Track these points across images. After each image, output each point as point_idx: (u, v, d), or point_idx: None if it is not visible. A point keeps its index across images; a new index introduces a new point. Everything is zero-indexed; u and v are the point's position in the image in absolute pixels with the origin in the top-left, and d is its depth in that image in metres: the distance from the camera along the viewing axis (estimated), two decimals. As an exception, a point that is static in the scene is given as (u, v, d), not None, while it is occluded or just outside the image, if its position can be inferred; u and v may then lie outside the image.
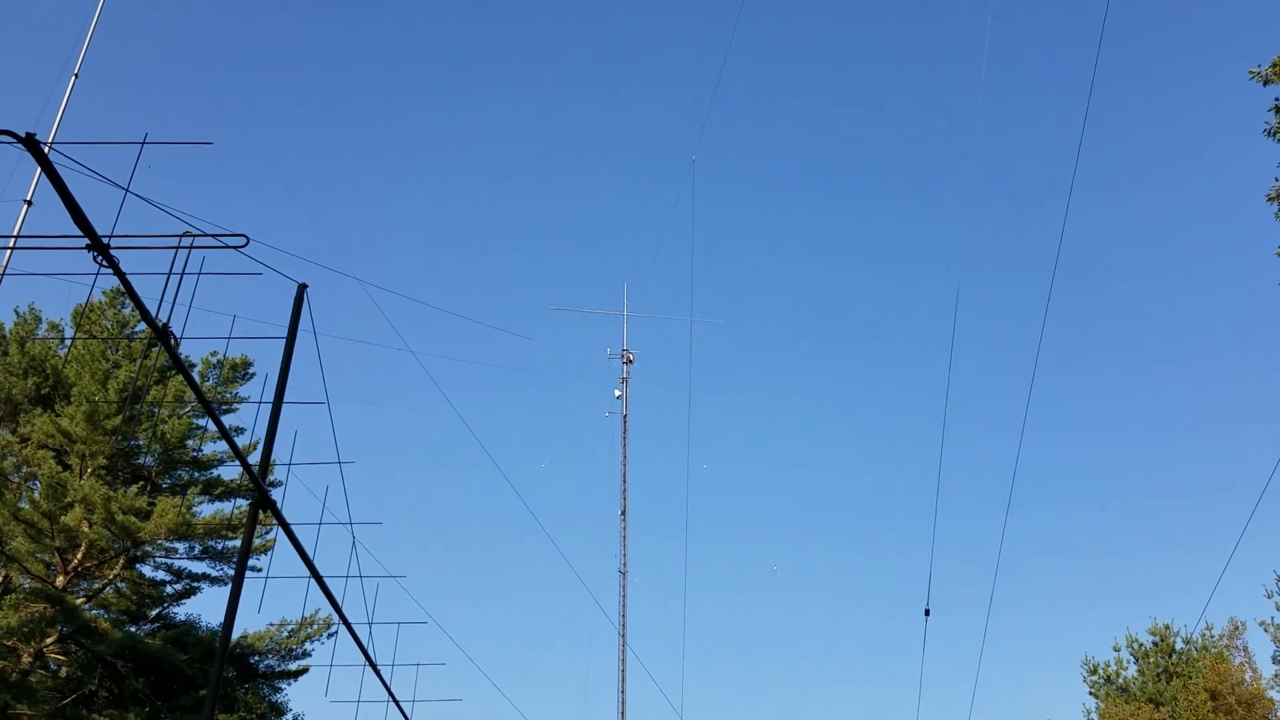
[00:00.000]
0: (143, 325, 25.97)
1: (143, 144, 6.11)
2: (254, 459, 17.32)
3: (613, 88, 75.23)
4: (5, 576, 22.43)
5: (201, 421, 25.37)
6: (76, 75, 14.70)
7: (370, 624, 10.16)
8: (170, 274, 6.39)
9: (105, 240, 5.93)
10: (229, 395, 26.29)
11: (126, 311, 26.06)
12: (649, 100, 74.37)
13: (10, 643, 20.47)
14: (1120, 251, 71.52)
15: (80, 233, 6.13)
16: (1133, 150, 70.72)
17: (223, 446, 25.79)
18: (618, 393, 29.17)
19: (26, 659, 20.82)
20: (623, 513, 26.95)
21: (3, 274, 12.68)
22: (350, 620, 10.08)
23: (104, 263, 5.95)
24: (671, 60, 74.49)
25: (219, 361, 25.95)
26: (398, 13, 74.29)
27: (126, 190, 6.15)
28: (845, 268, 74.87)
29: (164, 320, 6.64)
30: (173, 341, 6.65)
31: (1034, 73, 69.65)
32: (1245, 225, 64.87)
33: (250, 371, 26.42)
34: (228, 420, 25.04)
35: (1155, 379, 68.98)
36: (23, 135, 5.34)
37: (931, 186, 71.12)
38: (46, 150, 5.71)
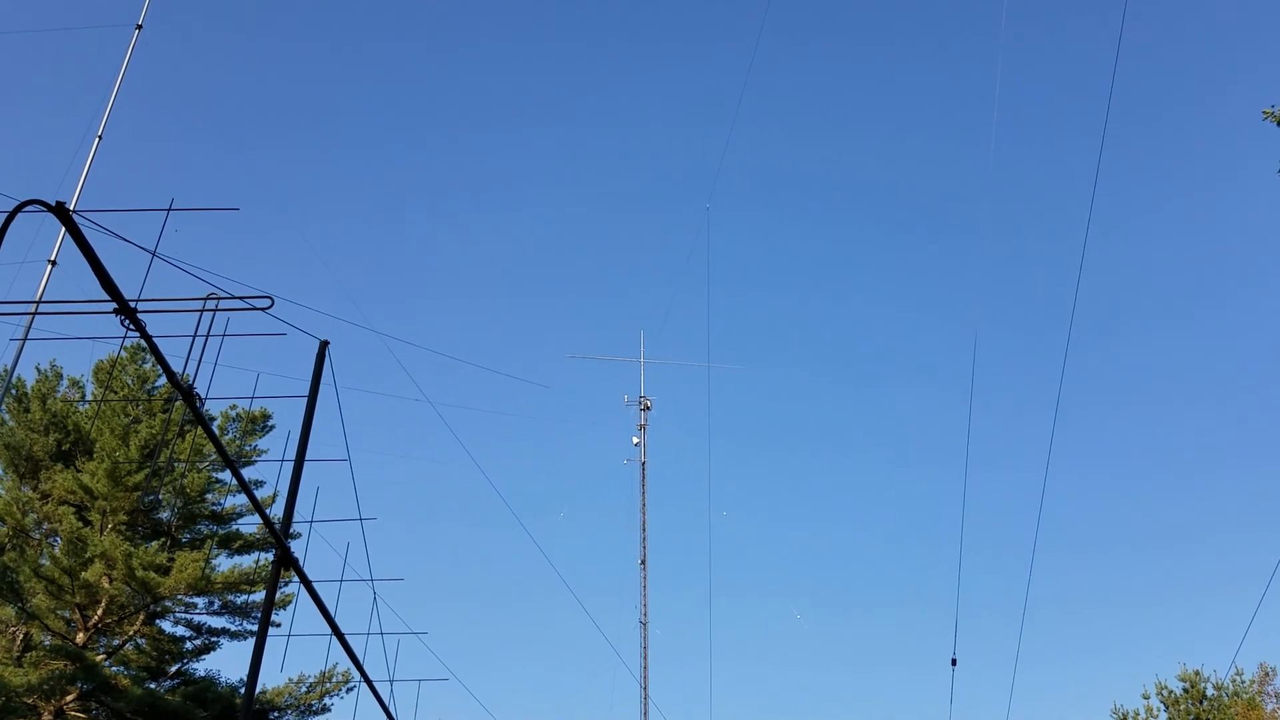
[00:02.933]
0: (163, 381, 26.17)
1: (169, 210, 6.20)
2: (273, 510, 17.33)
3: (626, 129, 75.87)
4: (26, 633, 22.42)
5: (221, 475, 25.44)
6: (100, 137, 14.94)
7: (392, 681, 10.10)
8: (195, 336, 6.46)
9: (132, 304, 5.99)
10: (248, 448, 26.38)
11: (147, 367, 26.25)
12: (663, 142, 74.95)
13: (31, 700, 20.42)
14: (1141, 290, 71.14)
15: (107, 296, 6.22)
16: (1150, 186, 70.62)
17: (242, 500, 25.87)
18: (636, 440, 29.11)
19: (47, 717, 20.75)
20: (642, 562, 26.78)
21: (27, 333, 12.84)
22: (372, 678, 10.02)
23: (131, 326, 6.01)
24: (684, 101, 75.12)
25: (238, 415, 26.08)
26: (412, 55, 75.32)
27: (154, 254, 6.23)
28: (864, 309, 74.74)
29: (189, 381, 6.69)
30: (198, 403, 6.70)
31: (1048, 105, 69.84)
32: (1270, 260, 64.46)
33: (270, 424, 26.55)
34: (247, 473, 25.12)
35: (1179, 421, 68.26)
36: (53, 204, 5.42)
37: (949, 225, 71.16)
38: (75, 216, 5.80)
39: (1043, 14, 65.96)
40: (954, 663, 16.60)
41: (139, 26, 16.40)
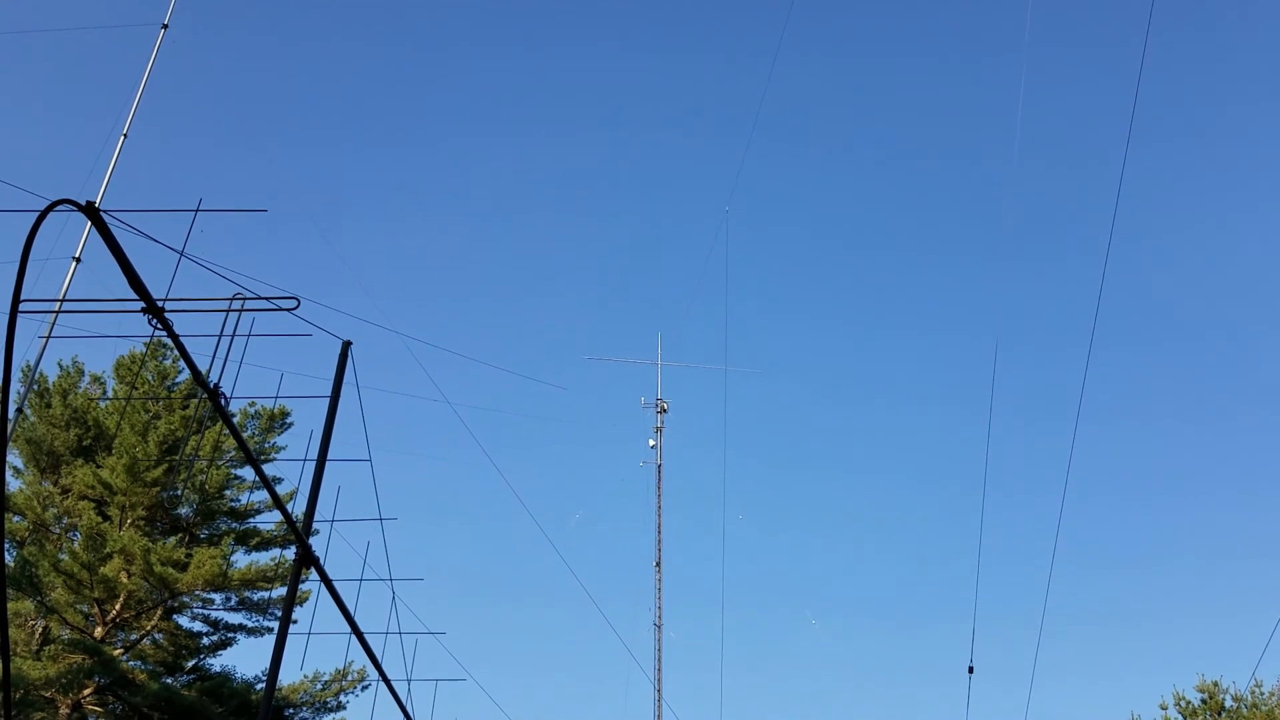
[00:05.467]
0: (183, 376, 26.32)
1: (196, 211, 6.23)
2: (291, 506, 17.41)
3: (647, 133, 75.78)
4: (45, 627, 22.58)
5: (240, 471, 25.57)
6: (125, 135, 15.03)
7: (409, 681, 10.12)
8: (221, 336, 6.49)
9: (160, 304, 6.02)
10: (267, 445, 26.50)
11: (168, 363, 26.40)
12: (683, 147, 74.83)
13: (49, 694, 20.56)
14: (1164, 304, 70.49)
15: (133, 295, 6.25)
16: (1174, 199, 70.07)
17: (260, 496, 25.97)
18: (652, 442, 29.07)
19: (64, 710, 20.89)
20: (658, 564, 26.76)
21: (51, 330, 12.91)
22: (389, 677, 10.05)
23: (159, 326, 6.05)
24: (706, 106, 74.99)
25: (257, 412, 26.20)
26: (436, 57, 75.49)
27: (181, 254, 6.26)
28: (883, 319, 74.34)
29: (214, 381, 6.73)
30: (223, 402, 6.73)
31: (1071, 118, 69.36)
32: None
33: (289, 421, 26.66)
34: (266, 469, 25.24)
35: (1200, 436, 67.61)
36: (83, 204, 5.45)
37: (970, 238, 70.74)
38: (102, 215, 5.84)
39: (1066, 27, 65.58)
40: (971, 671, 16.49)
41: (165, 26, 16.49)
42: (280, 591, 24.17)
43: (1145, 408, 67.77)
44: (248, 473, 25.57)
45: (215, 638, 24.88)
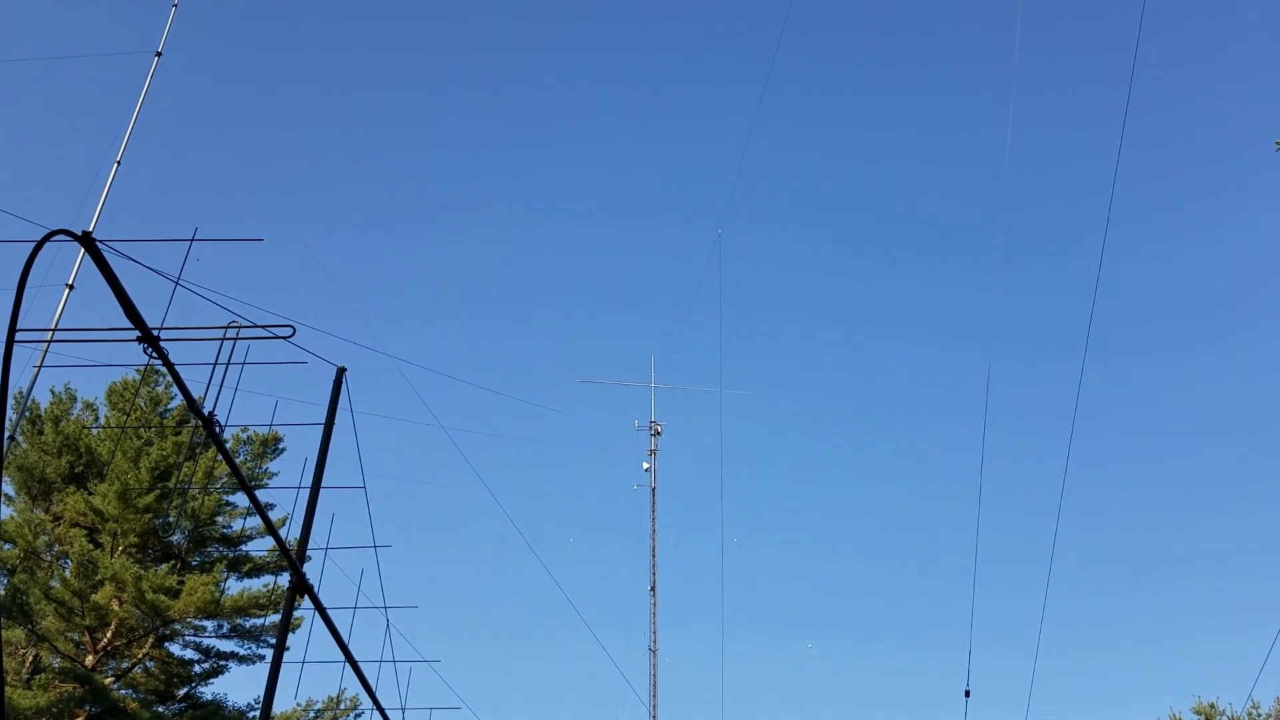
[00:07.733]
0: (176, 402, 26.24)
1: (192, 240, 6.23)
2: (285, 532, 17.34)
3: (638, 152, 76.01)
4: (35, 656, 22.41)
5: (232, 498, 25.46)
6: (119, 162, 15.06)
7: (404, 710, 10.05)
8: (216, 364, 6.48)
9: (155, 333, 6.02)
10: (260, 471, 26.41)
11: (160, 390, 26.32)
12: (675, 167, 75.08)
13: (39, 724, 20.39)
14: (1156, 318, 70.63)
15: (127, 323, 6.25)
16: (1165, 211, 70.30)
17: (253, 522, 25.85)
18: (646, 465, 29.01)
19: (54, 740, 20.72)
20: (652, 589, 26.66)
21: (43, 359, 12.91)
22: (383, 706, 9.98)
23: (154, 354, 6.04)
24: (698, 124, 75.27)
25: (250, 438, 26.11)
26: (424, 76, 75.77)
27: (177, 283, 6.26)
28: (877, 336, 74.37)
29: (209, 408, 6.72)
30: (216, 429, 6.72)
31: (1062, 130, 69.71)
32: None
33: (281, 447, 26.57)
34: (260, 495, 25.12)
35: (1195, 451, 67.65)
36: (79, 234, 5.46)
37: (963, 251, 70.90)
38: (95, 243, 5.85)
39: (1057, 38, 66.08)
40: (968, 694, 16.41)
41: (159, 54, 16.57)
42: (273, 619, 24.04)
43: (1140, 422, 67.90)
44: (240, 499, 25.48)
45: (207, 665, 24.71)
